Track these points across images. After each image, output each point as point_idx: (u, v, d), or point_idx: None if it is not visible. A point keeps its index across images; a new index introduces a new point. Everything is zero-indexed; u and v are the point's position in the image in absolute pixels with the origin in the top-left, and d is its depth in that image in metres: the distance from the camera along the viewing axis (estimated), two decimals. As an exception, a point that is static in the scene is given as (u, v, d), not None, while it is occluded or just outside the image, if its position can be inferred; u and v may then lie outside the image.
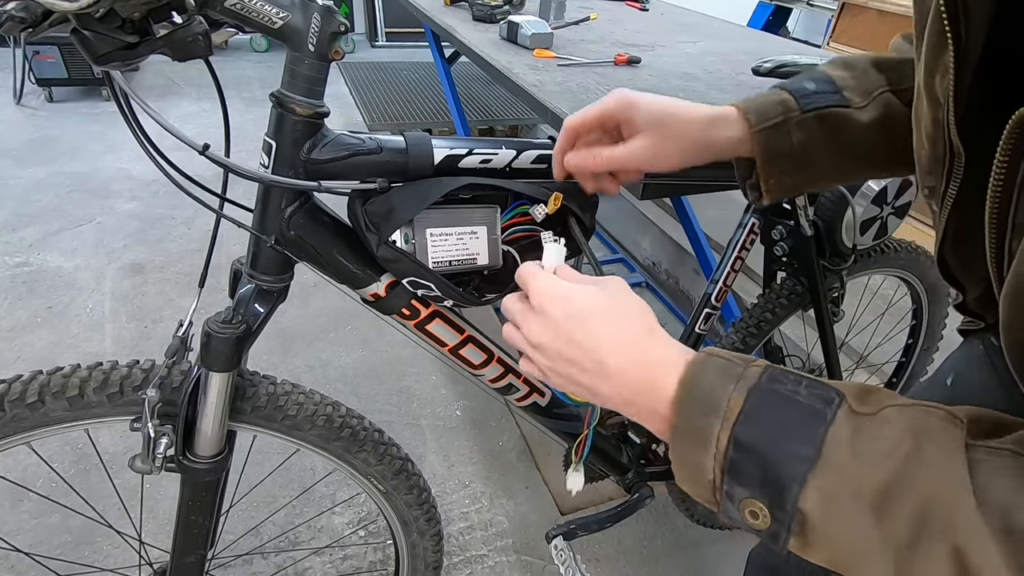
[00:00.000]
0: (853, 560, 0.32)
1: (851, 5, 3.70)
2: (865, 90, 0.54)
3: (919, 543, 0.29)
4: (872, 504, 0.30)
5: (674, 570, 1.33)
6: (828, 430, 0.32)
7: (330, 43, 0.51)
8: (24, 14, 0.41)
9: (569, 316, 0.41)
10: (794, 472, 0.32)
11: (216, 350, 0.62)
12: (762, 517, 0.34)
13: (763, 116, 0.53)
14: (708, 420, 0.35)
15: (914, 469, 0.30)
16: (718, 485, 0.35)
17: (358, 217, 0.59)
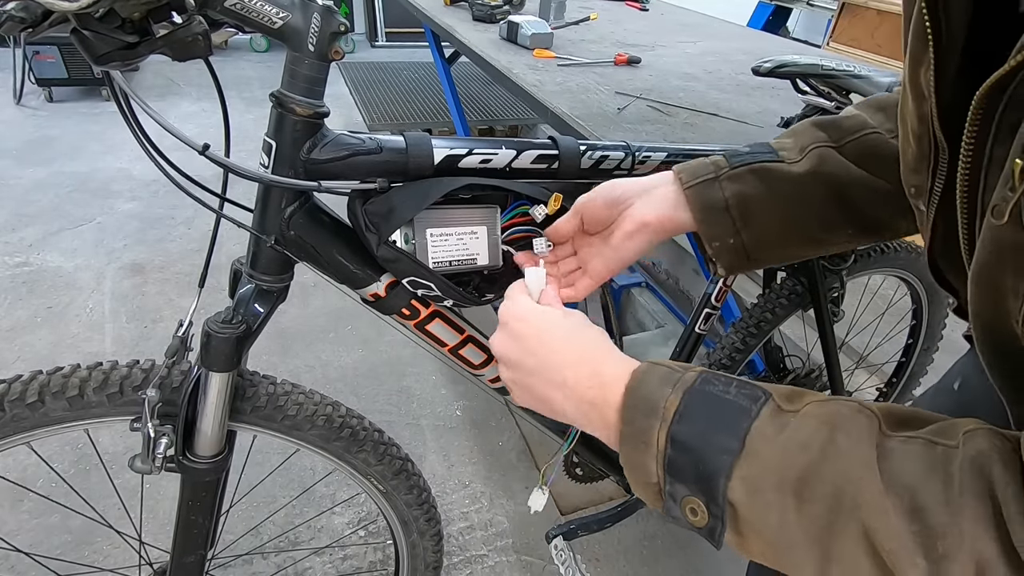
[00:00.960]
0: (783, 551, 0.34)
1: (851, 5, 3.70)
2: (801, 147, 0.55)
3: (835, 526, 0.31)
4: (793, 492, 0.32)
5: (674, 570, 1.33)
6: (752, 425, 0.35)
7: (330, 43, 0.51)
8: (24, 14, 0.40)
9: (531, 334, 0.46)
10: (721, 464, 0.34)
11: (216, 350, 0.62)
12: (700, 514, 0.36)
13: (694, 174, 0.55)
14: (649, 422, 0.37)
15: (827, 457, 0.32)
16: (662, 485, 0.37)
17: (358, 217, 0.59)
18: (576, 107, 1.13)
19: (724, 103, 1.27)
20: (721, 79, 1.46)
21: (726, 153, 0.56)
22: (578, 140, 0.67)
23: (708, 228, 0.54)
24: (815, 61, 0.85)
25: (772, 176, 0.54)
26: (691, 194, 0.54)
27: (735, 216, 0.54)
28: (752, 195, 0.53)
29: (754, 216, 0.54)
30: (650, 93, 1.28)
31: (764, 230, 0.54)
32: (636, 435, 0.38)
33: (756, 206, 0.54)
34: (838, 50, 3.68)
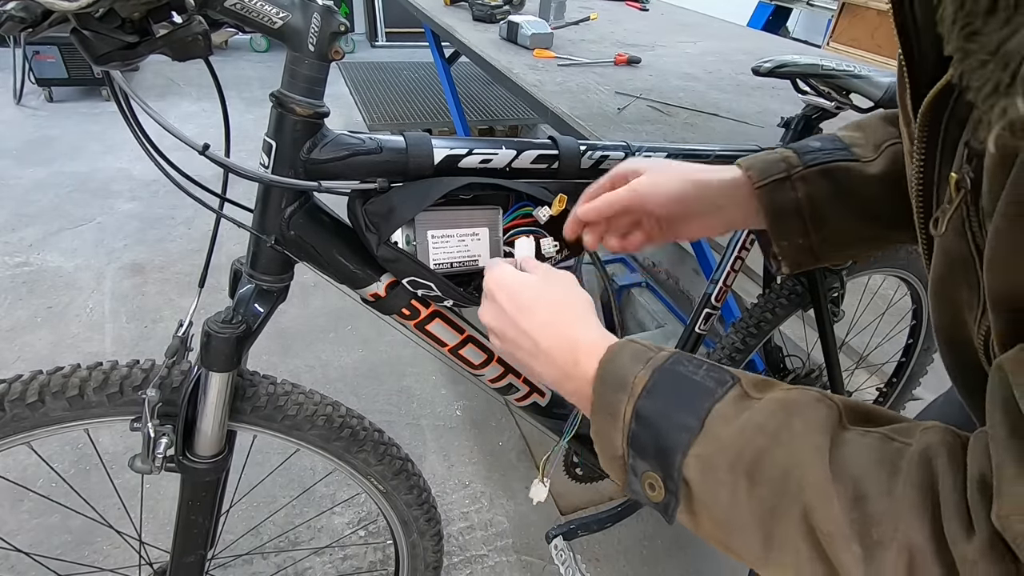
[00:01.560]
0: (730, 531, 0.34)
1: (851, 5, 3.71)
2: (875, 144, 0.53)
3: (778, 508, 0.31)
4: (745, 473, 0.33)
5: (674, 570, 1.33)
6: (714, 406, 0.35)
7: (330, 43, 0.51)
8: (24, 14, 0.40)
9: (512, 303, 0.46)
10: (679, 441, 0.35)
11: (216, 350, 0.62)
12: (658, 489, 0.36)
13: (765, 172, 0.53)
14: (617, 396, 0.38)
15: (780, 442, 0.32)
16: (625, 459, 0.38)
17: (358, 217, 0.59)
18: (576, 107, 1.13)
19: (724, 103, 1.27)
20: (721, 79, 1.46)
21: (796, 148, 0.54)
22: (578, 140, 0.67)
23: (778, 229, 0.53)
24: (815, 61, 0.85)
25: (849, 178, 0.52)
26: (762, 194, 0.52)
27: (807, 218, 0.52)
28: (826, 197, 0.52)
29: (827, 219, 0.52)
30: (650, 93, 1.28)
31: (835, 232, 0.53)
32: (605, 408, 0.38)
33: (829, 210, 0.52)
34: (838, 50, 3.68)
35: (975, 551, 0.25)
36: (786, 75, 0.87)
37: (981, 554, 0.25)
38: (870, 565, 0.28)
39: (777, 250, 0.54)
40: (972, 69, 0.20)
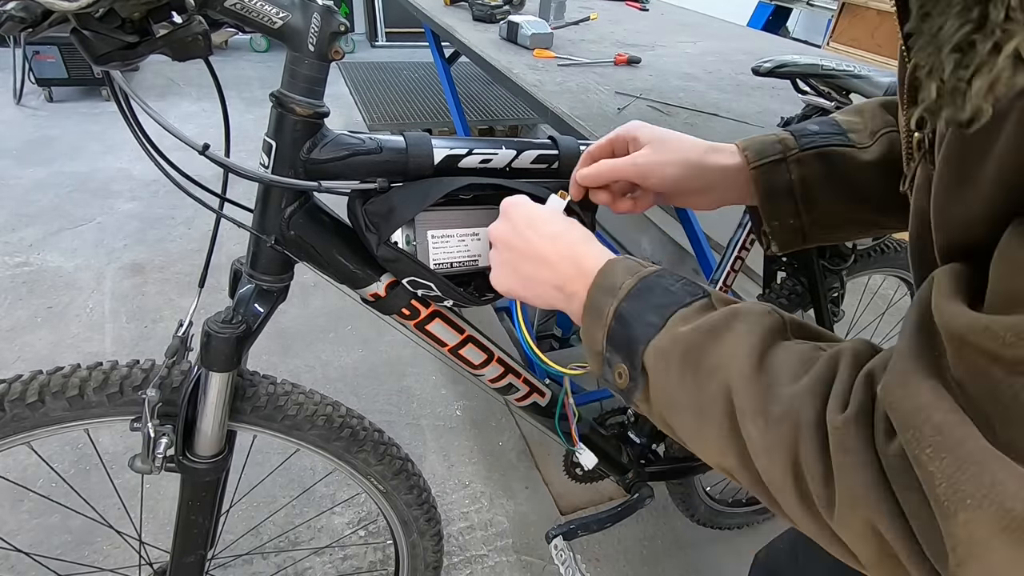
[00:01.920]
0: (674, 411, 0.40)
1: (851, 5, 3.71)
2: (872, 131, 0.54)
3: (711, 390, 0.36)
4: (691, 363, 0.38)
5: (674, 570, 1.33)
6: (679, 310, 0.40)
7: (330, 43, 0.51)
8: (24, 14, 0.40)
9: (525, 219, 0.51)
10: (644, 335, 0.40)
11: (216, 350, 0.62)
12: (624, 377, 0.42)
13: (761, 153, 0.54)
14: (606, 299, 0.43)
15: (723, 339, 0.37)
16: (604, 353, 0.43)
17: (358, 217, 0.59)
18: (576, 107, 1.13)
19: (724, 103, 1.27)
20: (721, 79, 1.46)
21: (794, 131, 0.55)
22: (578, 140, 0.67)
23: (770, 208, 0.55)
24: (815, 61, 0.85)
25: (841, 161, 0.53)
26: (757, 174, 0.54)
27: (799, 199, 0.54)
28: (818, 180, 0.53)
29: (818, 201, 0.54)
30: (650, 93, 1.28)
31: (825, 214, 0.54)
32: (594, 309, 0.44)
33: (821, 192, 0.54)
34: (838, 50, 3.68)
35: (842, 419, 0.30)
36: (786, 75, 0.87)
37: (845, 422, 0.30)
38: (767, 435, 0.33)
39: (768, 229, 0.56)
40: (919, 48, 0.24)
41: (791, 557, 0.73)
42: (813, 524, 0.32)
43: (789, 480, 0.32)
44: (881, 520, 0.28)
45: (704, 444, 0.39)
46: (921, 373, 0.27)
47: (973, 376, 0.25)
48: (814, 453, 0.31)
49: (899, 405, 0.27)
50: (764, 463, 0.34)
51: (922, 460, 0.26)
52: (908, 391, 0.27)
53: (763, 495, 0.36)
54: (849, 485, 0.29)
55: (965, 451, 0.24)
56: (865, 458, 0.29)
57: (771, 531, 1.27)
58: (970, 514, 0.24)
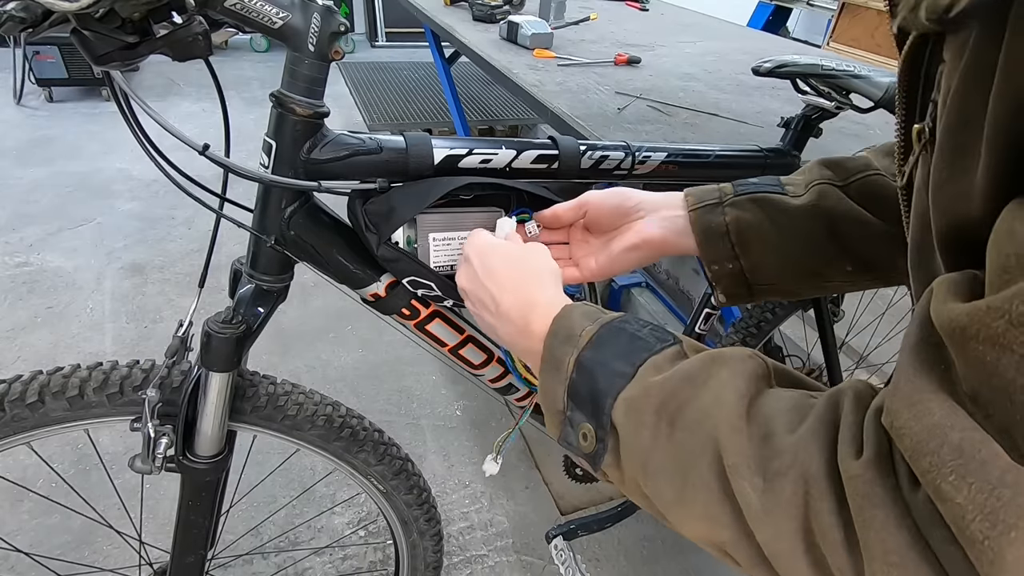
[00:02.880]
0: (651, 475, 0.35)
1: (851, 5, 3.71)
2: (806, 183, 0.57)
3: (695, 448, 0.32)
4: (668, 417, 0.33)
5: (674, 570, 1.33)
6: (650, 358, 0.36)
7: (330, 43, 0.51)
8: (24, 14, 0.40)
9: (483, 266, 0.50)
10: (611, 387, 0.36)
11: (216, 350, 0.62)
12: (590, 438, 0.37)
13: (700, 198, 0.57)
14: (564, 349, 0.39)
15: (705, 387, 0.33)
16: (565, 412, 0.39)
17: (358, 217, 0.59)
18: (576, 107, 1.13)
19: (724, 103, 1.27)
20: (721, 79, 1.46)
21: (735, 183, 0.58)
22: (578, 140, 0.67)
23: (708, 251, 0.56)
24: (815, 61, 0.85)
25: (772, 206, 0.55)
26: (695, 216, 0.56)
27: (734, 241, 0.55)
28: (751, 222, 0.55)
29: (751, 243, 0.55)
30: (650, 93, 1.28)
31: (761, 258, 0.56)
32: (552, 361, 0.40)
33: (753, 234, 0.55)
34: (838, 50, 3.68)
35: (859, 466, 0.25)
36: (786, 75, 0.87)
37: (865, 467, 0.25)
38: (768, 495, 0.28)
39: (710, 274, 0.57)
40: None
41: None
42: None
43: (800, 550, 0.27)
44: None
45: (689, 514, 0.33)
46: (929, 390, 0.24)
47: (983, 378, 0.22)
48: (830, 513, 0.26)
49: (909, 429, 0.24)
50: (767, 532, 0.29)
51: (945, 491, 0.22)
52: (917, 411, 0.24)
53: (765, 573, 0.30)
54: (883, 550, 0.24)
55: (995, 474, 0.21)
56: (896, 512, 0.24)
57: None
58: (1018, 550, 0.20)
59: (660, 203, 0.58)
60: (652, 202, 0.58)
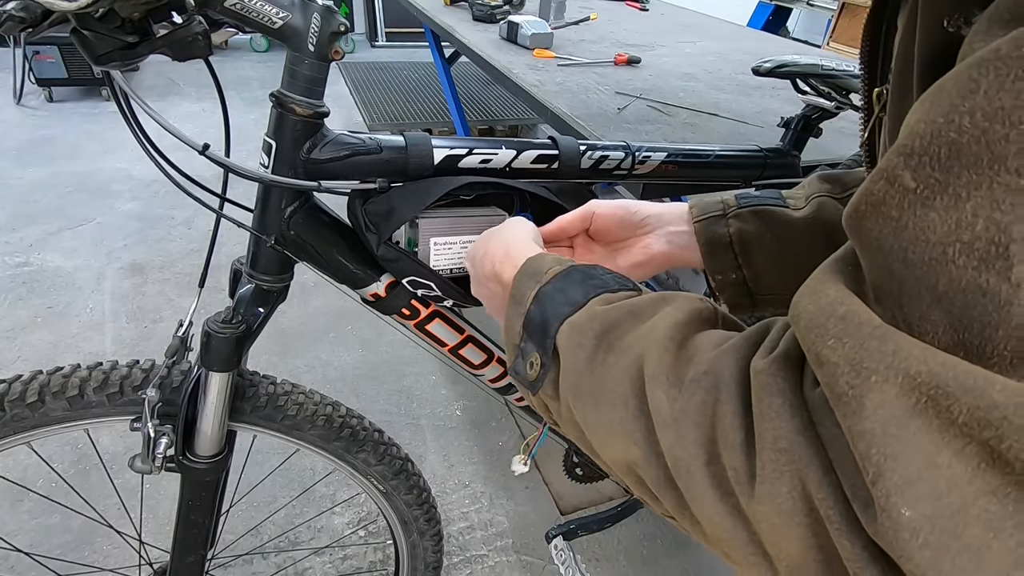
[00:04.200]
0: (578, 399, 0.35)
1: (851, 5, 3.71)
2: (806, 196, 0.58)
3: (620, 366, 0.32)
4: (607, 342, 0.34)
5: (674, 570, 1.33)
6: (604, 293, 0.37)
7: (330, 43, 0.51)
8: (24, 14, 0.40)
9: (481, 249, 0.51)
10: (560, 313, 0.37)
11: (216, 350, 0.62)
12: (535, 367, 0.38)
13: (704, 210, 0.58)
14: (528, 284, 0.40)
15: (644, 318, 0.34)
16: (520, 343, 0.39)
17: (358, 217, 0.59)
18: (576, 107, 1.13)
19: (724, 103, 1.27)
20: (721, 79, 1.46)
21: (737, 194, 0.59)
22: (578, 140, 0.67)
23: (712, 262, 0.57)
24: (815, 61, 0.85)
25: (774, 219, 0.57)
26: (699, 227, 0.57)
27: (737, 252, 0.57)
28: (753, 234, 0.56)
29: (753, 254, 0.56)
30: (650, 93, 1.28)
31: (763, 268, 0.57)
32: (516, 296, 0.41)
33: (756, 245, 0.56)
34: (838, 50, 3.68)
35: (766, 361, 0.26)
36: (786, 75, 0.87)
37: (770, 362, 0.26)
38: (678, 403, 0.28)
39: (714, 284, 0.58)
40: None
41: None
42: (728, 518, 0.26)
43: (701, 458, 0.27)
44: (811, 473, 0.23)
45: (607, 434, 0.33)
46: (830, 280, 0.25)
47: (872, 252, 0.23)
48: (734, 415, 0.26)
49: (805, 310, 0.24)
50: (671, 439, 0.28)
51: (823, 355, 0.22)
52: (814, 295, 0.24)
53: (670, 494, 0.30)
54: (774, 436, 0.24)
55: (867, 331, 0.21)
56: (793, 401, 0.24)
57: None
58: (877, 395, 0.20)
59: (665, 218, 0.59)
60: (658, 217, 0.59)
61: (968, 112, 0.19)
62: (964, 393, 0.18)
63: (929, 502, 0.19)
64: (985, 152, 0.19)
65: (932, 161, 0.20)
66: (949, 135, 0.20)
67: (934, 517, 0.19)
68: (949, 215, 0.20)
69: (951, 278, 0.20)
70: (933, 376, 0.19)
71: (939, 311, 0.20)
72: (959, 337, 0.20)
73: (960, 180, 0.19)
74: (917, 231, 0.21)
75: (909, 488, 0.19)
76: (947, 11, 0.24)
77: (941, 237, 0.20)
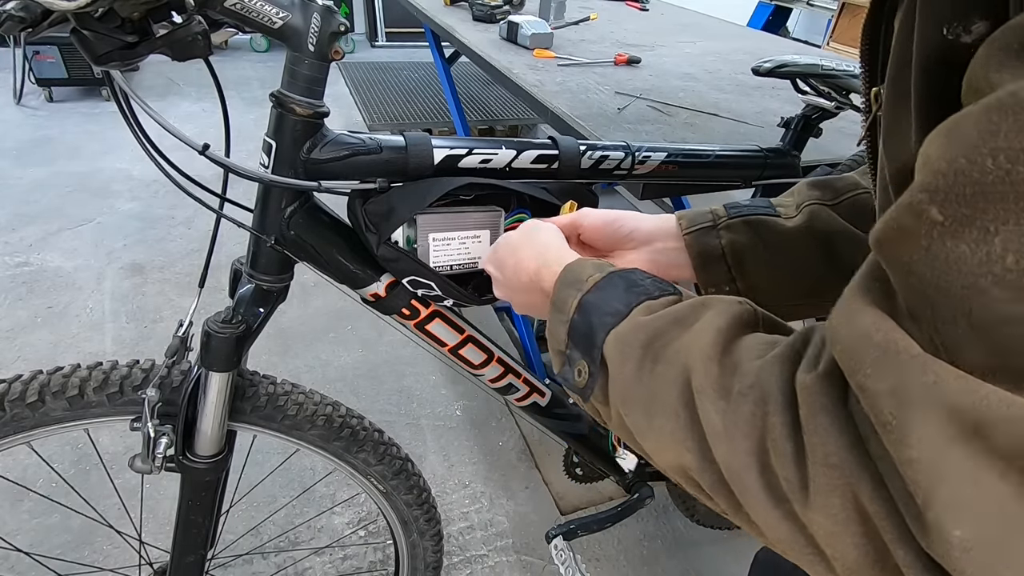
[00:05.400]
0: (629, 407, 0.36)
1: (851, 5, 3.71)
2: (797, 204, 0.57)
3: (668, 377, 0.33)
4: (653, 352, 0.35)
5: (674, 570, 1.33)
6: (646, 301, 0.38)
7: (330, 43, 0.51)
8: (24, 14, 0.40)
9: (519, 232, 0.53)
10: (605, 323, 0.38)
11: (216, 350, 0.62)
12: (583, 374, 0.39)
13: (693, 221, 0.57)
14: (569, 292, 0.41)
15: (688, 326, 0.34)
16: (566, 351, 0.41)
17: (358, 217, 0.59)
18: (576, 107, 1.13)
19: (724, 103, 1.27)
20: (721, 79, 1.46)
21: (727, 205, 0.58)
22: (578, 140, 0.67)
23: (704, 275, 0.56)
24: (815, 61, 0.85)
25: (765, 228, 0.56)
26: (690, 240, 0.57)
27: (730, 264, 0.56)
28: (746, 245, 0.56)
29: (747, 265, 0.56)
30: (650, 93, 1.27)
31: (757, 279, 0.56)
32: (558, 304, 0.42)
33: (749, 255, 0.56)
34: (838, 50, 3.68)
35: (812, 378, 0.27)
36: (786, 75, 0.87)
37: (816, 379, 0.26)
38: (728, 416, 0.29)
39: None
40: None
41: None
42: (784, 522, 0.28)
43: (754, 467, 0.28)
44: (863, 488, 0.24)
45: (660, 441, 0.34)
46: (866, 303, 0.25)
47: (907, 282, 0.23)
48: (783, 426, 0.27)
49: (841, 336, 0.25)
50: (724, 450, 0.29)
51: (865, 385, 0.23)
52: (849, 320, 0.25)
53: (726, 500, 0.31)
54: (824, 452, 0.25)
55: (905, 359, 0.22)
56: (840, 418, 0.25)
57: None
58: (920, 426, 0.21)
59: (652, 233, 0.58)
60: (645, 232, 0.58)
61: (990, 154, 0.20)
62: (1003, 422, 0.19)
63: (978, 522, 0.20)
64: (1011, 191, 0.19)
65: (958, 198, 0.21)
66: (972, 175, 0.20)
67: (983, 536, 0.20)
68: (979, 247, 0.20)
69: (985, 307, 0.20)
70: (972, 407, 0.20)
71: (974, 337, 0.21)
72: (996, 362, 0.21)
73: (987, 215, 0.20)
74: (948, 261, 0.21)
75: (958, 510, 0.20)
76: (946, 19, 0.25)
77: (972, 268, 0.20)
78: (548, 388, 0.84)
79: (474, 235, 0.64)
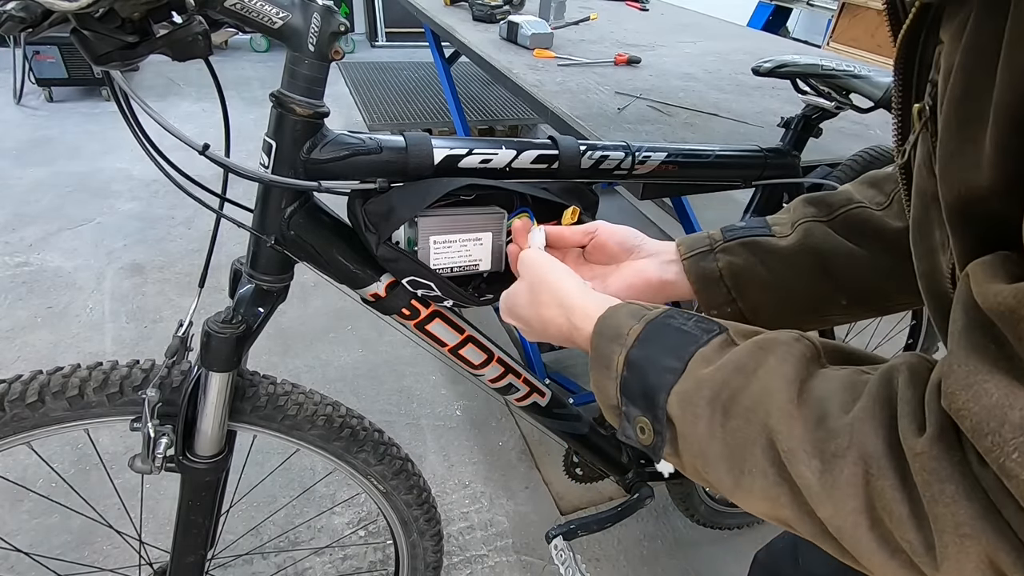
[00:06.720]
0: (709, 463, 0.35)
1: (851, 5, 3.71)
2: (792, 222, 0.58)
3: (748, 436, 0.33)
4: (722, 407, 0.34)
5: (674, 570, 1.33)
6: (699, 350, 0.37)
7: (330, 43, 0.51)
8: (24, 14, 0.40)
9: (528, 284, 0.51)
10: (663, 382, 0.37)
11: (216, 350, 0.62)
12: (647, 432, 0.38)
13: (692, 246, 0.58)
14: (612, 347, 0.40)
15: (755, 375, 0.34)
16: (619, 406, 0.40)
17: (358, 217, 0.59)
18: (576, 107, 1.13)
19: (724, 103, 1.27)
20: (721, 79, 1.46)
21: (724, 228, 0.59)
22: (578, 140, 0.67)
23: (705, 297, 0.57)
24: (815, 61, 0.85)
25: (761, 249, 0.56)
26: (688, 264, 0.57)
27: (729, 286, 0.56)
28: (743, 266, 0.56)
29: (745, 286, 0.56)
30: (650, 93, 1.27)
31: (758, 299, 0.57)
32: (601, 360, 0.41)
33: (747, 276, 0.56)
34: (838, 50, 3.68)
35: (924, 443, 0.26)
36: (786, 75, 0.87)
37: (930, 444, 0.26)
38: (826, 476, 0.29)
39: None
40: None
41: (791, 557, 0.73)
42: (902, 570, 0.28)
43: (863, 526, 0.28)
44: (1000, 555, 0.24)
45: (750, 497, 0.34)
46: (984, 370, 0.24)
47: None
48: (893, 489, 0.26)
49: (968, 411, 0.24)
50: (828, 511, 0.29)
51: (1010, 469, 0.22)
52: (974, 392, 0.24)
53: (833, 548, 0.31)
54: (955, 523, 0.24)
55: None
56: (966, 485, 0.24)
57: (771, 531, 1.27)
58: None
59: (660, 248, 0.59)
60: (654, 246, 0.59)
61: None
62: None
63: None
64: None
65: None
66: None
67: None
68: None
69: None
70: None
71: None
72: None
73: None
74: None
75: None
76: None
77: None
78: (548, 388, 0.84)
79: (475, 237, 0.64)
